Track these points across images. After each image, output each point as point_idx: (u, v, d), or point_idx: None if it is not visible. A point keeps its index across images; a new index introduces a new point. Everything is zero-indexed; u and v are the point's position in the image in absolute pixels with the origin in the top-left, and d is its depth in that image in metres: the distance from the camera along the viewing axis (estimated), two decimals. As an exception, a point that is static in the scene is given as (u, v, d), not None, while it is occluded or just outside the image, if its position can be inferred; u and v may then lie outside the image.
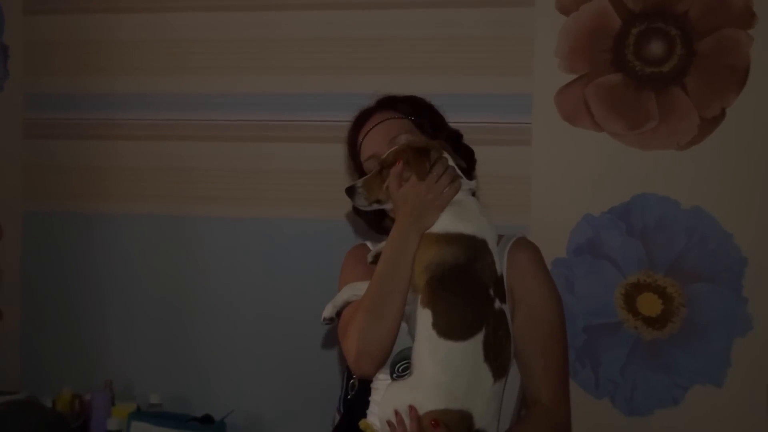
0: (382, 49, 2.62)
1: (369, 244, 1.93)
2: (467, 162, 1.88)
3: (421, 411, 1.59)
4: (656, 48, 2.46)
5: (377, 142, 1.83)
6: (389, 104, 1.89)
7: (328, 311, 1.79)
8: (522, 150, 2.54)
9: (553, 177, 2.53)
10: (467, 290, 1.61)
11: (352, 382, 1.93)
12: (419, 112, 1.86)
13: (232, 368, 2.74)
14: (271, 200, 2.72)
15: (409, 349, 1.68)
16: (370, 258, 1.83)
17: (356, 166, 1.94)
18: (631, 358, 2.47)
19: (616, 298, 2.49)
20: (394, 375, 1.76)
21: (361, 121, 1.90)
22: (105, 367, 2.80)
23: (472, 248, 1.63)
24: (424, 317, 1.63)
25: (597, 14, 2.49)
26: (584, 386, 2.50)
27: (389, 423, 1.62)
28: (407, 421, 1.60)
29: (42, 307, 2.88)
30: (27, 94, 2.90)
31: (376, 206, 1.78)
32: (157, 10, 2.79)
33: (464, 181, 1.70)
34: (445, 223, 1.66)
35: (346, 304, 1.79)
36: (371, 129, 1.86)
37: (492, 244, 1.67)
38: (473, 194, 1.74)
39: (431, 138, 1.81)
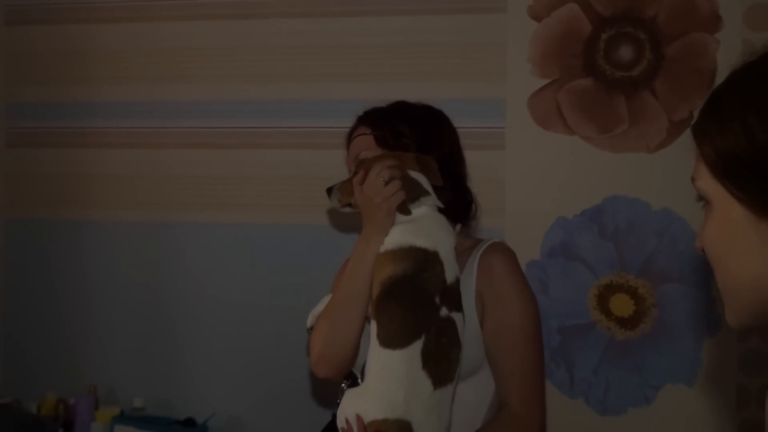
0: (355, 56, 2.66)
1: None
2: (442, 171, 1.90)
3: (366, 420, 1.62)
4: (626, 52, 2.50)
5: (350, 156, 1.92)
6: (364, 118, 1.94)
7: (309, 321, 1.86)
8: (496, 154, 2.57)
9: (526, 180, 2.56)
10: (409, 299, 1.65)
11: (342, 386, 1.97)
12: (382, 126, 1.89)
13: (214, 372, 2.77)
14: (252, 206, 2.75)
15: None
16: None
17: None
18: (605, 358, 2.51)
19: (589, 299, 2.52)
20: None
21: (349, 132, 1.97)
22: (89, 372, 2.83)
23: (422, 260, 1.66)
24: (372, 328, 1.67)
25: (568, 20, 2.53)
26: (559, 386, 2.53)
27: (342, 430, 1.66)
28: (355, 430, 1.63)
29: (26, 313, 2.92)
30: (9, 104, 2.93)
31: (348, 209, 1.83)
32: (136, 20, 2.82)
33: (426, 197, 1.73)
34: (398, 238, 1.70)
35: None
36: (350, 143, 1.94)
37: (445, 255, 1.69)
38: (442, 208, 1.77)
39: (394, 149, 1.84)
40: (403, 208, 1.70)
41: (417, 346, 1.62)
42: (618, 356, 2.50)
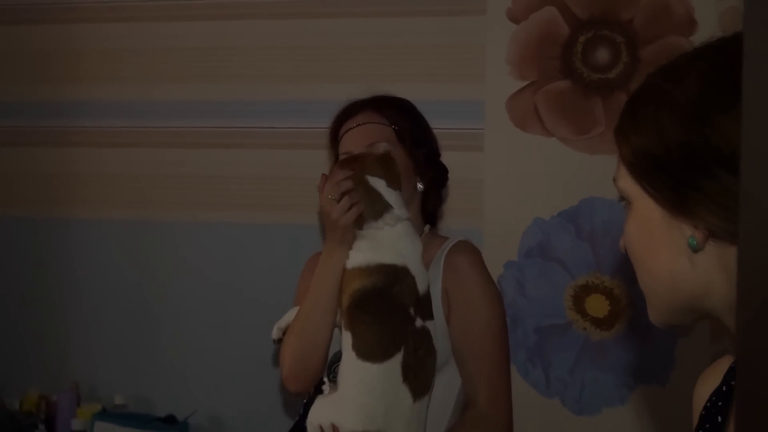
0: (335, 57, 2.67)
1: None
2: (438, 181, 1.92)
3: (343, 430, 1.61)
4: (603, 55, 2.52)
5: (356, 142, 1.85)
6: (377, 106, 1.92)
7: (274, 333, 1.85)
8: (475, 155, 2.58)
9: (504, 182, 2.58)
10: (384, 312, 1.64)
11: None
12: (403, 123, 1.89)
13: (196, 370, 2.79)
14: (236, 205, 2.77)
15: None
16: None
17: (333, 153, 1.98)
18: (580, 358, 2.52)
19: (565, 300, 2.54)
20: (330, 377, 1.81)
21: (347, 114, 1.93)
22: (71, 369, 2.85)
23: (391, 274, 1.66)
24: (346, 338, 1.66)
25: (546, 22, 2.54)
26: (535, 386, 2.55)
27: None
28: None
29: (9, 310, 2.93)
30: (-6, 103, 2.96)
31: None
32: (117, 20, 2.84)
33: (393, 211, 1.70)
34: (365, 256, 1.69)
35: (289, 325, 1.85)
36: (353, 128, 1.89)
37: (414, 268, 1.68)
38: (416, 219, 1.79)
39: (409, 150, 1.85)
40: (358, 223, 1.68)
41: (397, 360, 1.61)
42: (593, 356, 2.51)
